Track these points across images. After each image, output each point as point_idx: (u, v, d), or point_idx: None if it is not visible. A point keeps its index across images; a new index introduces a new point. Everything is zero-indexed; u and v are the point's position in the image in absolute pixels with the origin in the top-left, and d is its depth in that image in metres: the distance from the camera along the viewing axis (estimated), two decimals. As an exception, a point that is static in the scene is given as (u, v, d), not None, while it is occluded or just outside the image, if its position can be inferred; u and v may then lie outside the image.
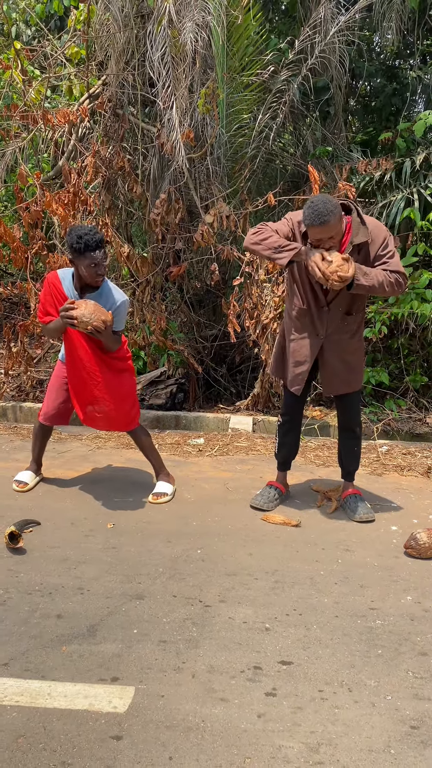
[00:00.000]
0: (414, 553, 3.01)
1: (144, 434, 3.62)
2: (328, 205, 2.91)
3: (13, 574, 2.77)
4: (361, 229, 3.07)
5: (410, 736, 1.94)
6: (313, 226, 2.93)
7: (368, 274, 3.02)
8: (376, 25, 5.81)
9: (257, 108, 5.45)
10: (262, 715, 2.01)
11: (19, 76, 5.34)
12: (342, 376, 3.32)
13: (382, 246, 3.10)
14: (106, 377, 3.37)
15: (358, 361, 3.37)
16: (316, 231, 2.95)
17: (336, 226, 2.95)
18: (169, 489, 3.61)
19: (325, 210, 2.90)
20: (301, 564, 2.94)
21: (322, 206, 2.91)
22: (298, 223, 3.16)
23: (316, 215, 2.91)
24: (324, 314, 3.22)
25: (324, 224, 2.91)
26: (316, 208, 2.91)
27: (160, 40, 4.67)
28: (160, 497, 3.55)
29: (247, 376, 5.72)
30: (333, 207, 2.92)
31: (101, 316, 3.14)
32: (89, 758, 1.82)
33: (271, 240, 3.09)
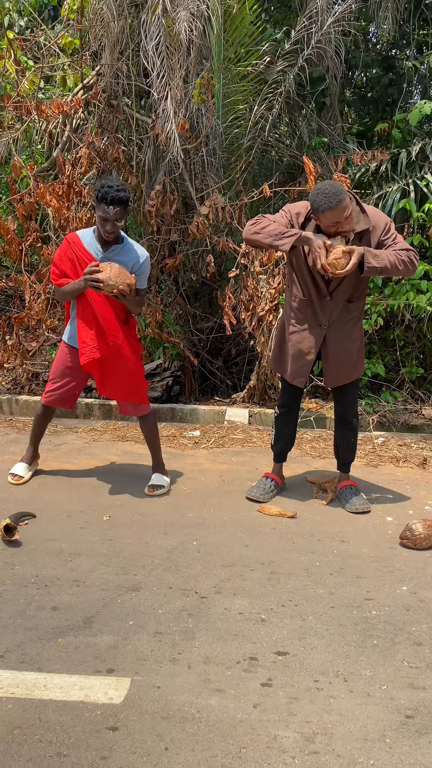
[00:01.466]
0: (409, 544, 3.02)
1: (154, 422, 3.61)
2: (336, 186, 2.93)
3: (8, 566, 2.77)
4: (361, 217, 3.07)
5: (405, 725, 1.95)
6: (330, 209, 2.92)
7: (378, 256, 3.01)
8: (372, 15, 5.78)
9: (253, 99, 5.42)
10: (258, 705, 2.01)
11: (12, 66, 5.29)
12: (345, 367, 3.31)
13: (384, 231, 3.10)
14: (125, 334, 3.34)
15: (359, 348, 3.37)
16: (334, 214, 2.94)
17: (349, 204, 2.96)
18: (165, 482, 3.61)
19: (335, 190, 2.91)
20: (296, 555, 2.94)
21: (331, 188, 2.92)
22: (297, 215, 3.15)
23: (329, 197, 2.90)
24: (326, 304, 3.20)
25: (340, 203, 2.91)
26: (326, 191, 2.92)
27: (155, 30, 4.63)
28: (156, 489, 3.55)
29: (243, 368, 5.71)
30: (341, 187, 2.94)
31: (126, 279, 3.10)
32: (85, 749, 1.82)
33: (270, 227, 3.07)
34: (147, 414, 3.57)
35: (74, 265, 3.31)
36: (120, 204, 3.13)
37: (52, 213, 5.24)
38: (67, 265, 3.32)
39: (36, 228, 5.12)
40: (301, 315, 3.28)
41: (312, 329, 3.26)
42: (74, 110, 5.32)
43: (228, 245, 4.98)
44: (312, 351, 3.28)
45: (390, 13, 5.43)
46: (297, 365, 3.32)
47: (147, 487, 3.58)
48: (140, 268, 3.35)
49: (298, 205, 3.21)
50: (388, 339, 5.43)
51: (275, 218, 3.15)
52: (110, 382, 3.45)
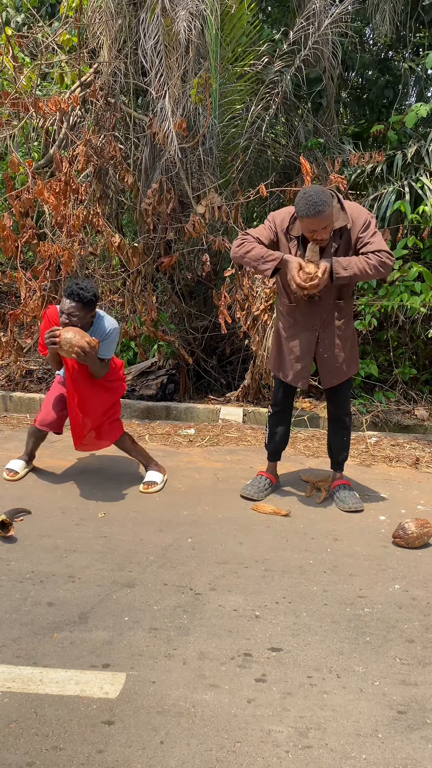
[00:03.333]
0: (402, 543, 3.05)
1: (123, 438, 3.64)
2: (322, 196, 2.93)
3: (4, 562, 2.78)
4: (341, 214, 3.10)
5: (397, 720, 1.98)
6: (307, 216, 2.95)
7: (348, 266, 3.05)
8: (370, 17, 5.80)
9: (250, 98, 5.44)
10: (252, 700, 2.03)
11: (9, 63, 5.28)
12: (340, 367, 3.34)
13: (363, 227, 3.12)
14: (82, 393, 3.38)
15: (352, 345, 3.40)
16: (311, 222, 2.96)
17: (330, 216, 2.98)
18: (159, 478, 3.62)
19: (319, 200, 2.92)
20: (290, 553, 2.96)
21: (316, 197, 2.93)
22: (281, 222, 3.20)
23: (310, 205, 2.93)
24: (315, 305, 3.23)
25: (318, 214, 2.93)
26: (310, 198, 2.93)
27: (153, 29, 4.64)
28: (151, 486, 3.57)
29: (237, 367, 5.73)
30: (327, 198, 2.95)
31: (83, 339, 3.16)
32: (81, 742, 1.83)
33: (254, 252, 3.14)
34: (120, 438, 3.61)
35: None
36: (75, 300, 3.21)
37: (48, 210, 5.23)
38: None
39: (32, 225, 5.12)
40: (291, 319, 3.33)
41: (304, 332, 3.30)
42: (71, 108, 5.32)
43: (224, 244, 5.00)
44: (308, 353, 3.32)
45: (387, 15, 5.46)
46: (296, 369, 3.36)
47: (142, 484, 3.60)
48: (107, 338, 3.39)
49: (283, 212, 3.25)
50: (381, 340, 5.47)
51: (259, 233, 3.21)
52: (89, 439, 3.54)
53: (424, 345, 5.45)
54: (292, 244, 3.19)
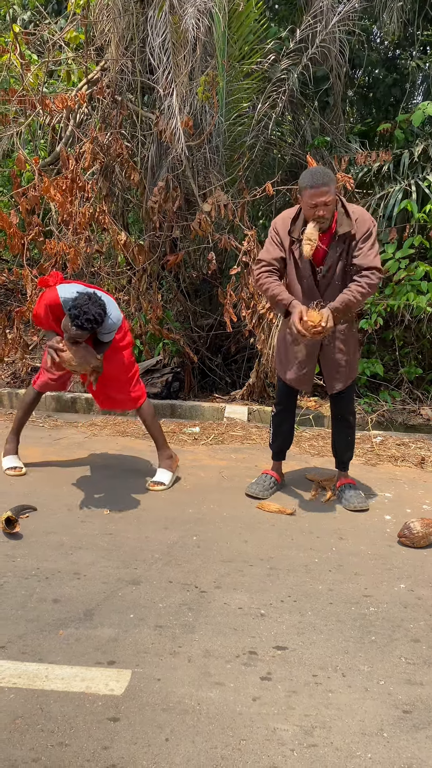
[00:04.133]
0: (407, 542, 3.05)
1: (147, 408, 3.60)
2: (326, 172, 3.06)
3: (9, 558, 2.78)
4: (345, 220, 3.11)
5: (403, 720, 1.97)
6: (311, 188, 3.01)
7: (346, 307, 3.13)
8: (378, 15, 5.79)
9: (256, 97, 5.43)
10: (257, 698, 2.03)
11: (17, 60, 5.28)
12: (343, 371, 3.37)
13: (364, 236, 3.14)
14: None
15: (354, 350, 3.41)
16: (314, 193, 3.02)
17: (331, 192, 3.03)
18: (167, 478, 3.60)
19: (323, 172, 3.04)
20: (295, 551, 2.96)
21: (320, 170, 3.07)
22: (283, 226, 3.23)
23: (315, 176, 3.02)
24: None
25: (323, 185, 3.00)
26: (314, 171, 3.07)
27: (161, 26, 4.64)
28: (157, 486, 3.56)
29: (242, 366, 5.73)
30: (330, 174, 3.05)
31: (89, 364, 3.12)
32: (86, 739, 1.84)
33: (270, 292, 3.24)
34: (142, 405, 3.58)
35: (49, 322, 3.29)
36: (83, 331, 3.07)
37: (55, 207, 5.24)
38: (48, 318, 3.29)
39: (38, 222, 5.13)
40: None
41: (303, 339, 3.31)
42: (78, 105, 5.32)
43: (229, 243, 5.00)
44: (311, 359, 3.36)
45: (395, 13, 5.44)
46: (299, 374, 3.38)
47: (150, 480, 3.59)
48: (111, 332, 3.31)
49: (283, 215, 3.27)
50: (387, 339, 5.46)
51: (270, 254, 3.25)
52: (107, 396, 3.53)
53: (429, 344, 5.44)
54: (295, 246, 3.20)
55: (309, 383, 3.43)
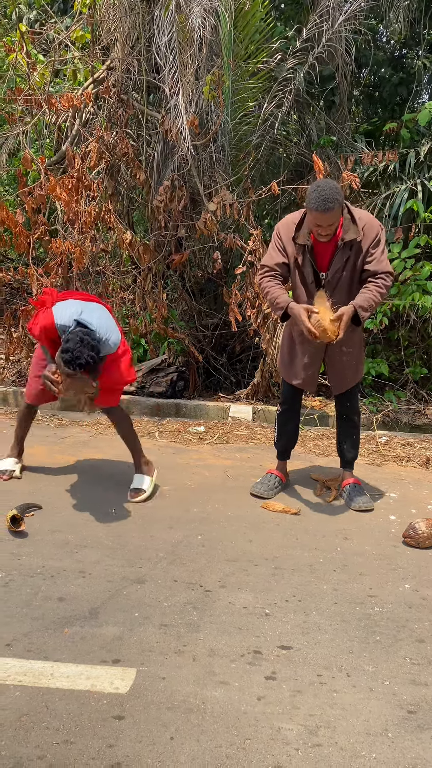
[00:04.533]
0: (412, 543, 3.04)
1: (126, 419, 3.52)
2: (335, 193, 2.93)
3: (15, 557, 2.79)
4: (351, 226, 3.09)
5: (407, 720, 1.97)
6: (317, 211, 2.95)
7: (368, 307, 3.09)
8: (384, 14, 5.77)
9: (262, 96, 5.43)
10: (262, 698, 2.04)
11: (23, 60, 5.29)
12: (349, 373, 3.37)
13: (373, 242, 3.12)
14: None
15: (359, 352, 3.42)
16: (318, 216, 2.96)
17: (337, 214, 2.98)
18: (147, 483, 3.47)
19: (331, 197, 2.92)
20: (300, 551, 2.96)
21: (329, 192, 2.92)
22: (287, 232, 3.20)
23: (322, 200, 2.92)
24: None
25: (328, 211, 2.93)
26: (322, 193, 2.93)
27: (167, 25, 4.64)
28: (139, 494, 3.42)
29: (247, 365, 5.73)
30: (338, 195, 2.95)
31: (84, 393, 3.07)
32: (91, 737, 1.84)
33: (269, 295, 3.22)
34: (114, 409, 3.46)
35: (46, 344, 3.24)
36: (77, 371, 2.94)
37: (60, 206, 5.25)
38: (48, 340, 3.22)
39: (44, 221, 5.13)
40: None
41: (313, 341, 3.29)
42: (84, 104, 5.33)
43: (235, 242, 4.99)
44: (316, 361, 3.36)
45: (401, 12, 5.43)
46: (304, 375, 3.38)
47: (129, 492, 3.45)
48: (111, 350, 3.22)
49: (287, 220, 3.23)
50: (392, 339, 5.45)
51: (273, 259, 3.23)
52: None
53: (435, 344, 5.43)
54: (299, 253, 3.18)
55: (314, 384, 3.44)
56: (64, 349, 2.93)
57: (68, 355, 2.90)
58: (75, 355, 2.89)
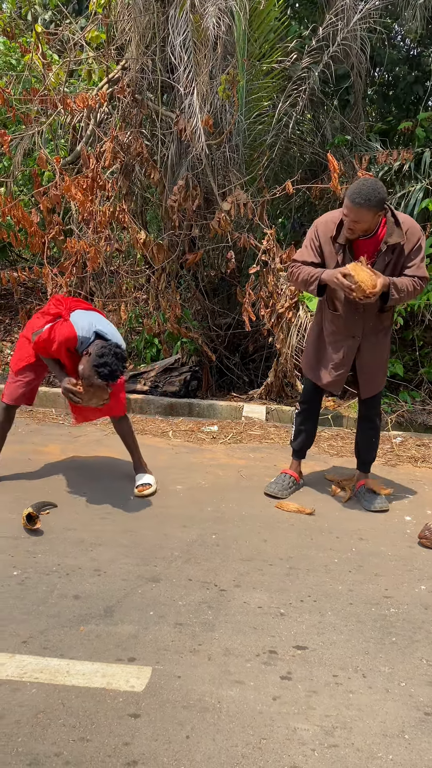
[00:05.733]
0: (428, 543, 3.02)
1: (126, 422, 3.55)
2: (372, 193, 2.88)
3: (30, 554, 2.81)
4: (395, 230, 3.05)
5: (424, 722, 1.96)
6: (347, 201, 2.93)
7: (401, 291, 3.05)
8: (400, 12, 5.74)
9: (277, 95, 5.42)
10: (278, 697, 2.03)
11: (38, 60, 5.32)
12: (378, 376, 3.37)
13: (415, 247, 3.09)
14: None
15: (386, 357, 3.43)
16: (347, 207, 2.95)
17: (366, 215, 2.93)
18: (153, 480, 3.54)
19: (365, 194, 2.88)
20: (315, 551, 2.95)
21: (366, 189, 2.89)
22: (324, 230, 3.16)
23: (355, 192, 2.91)
24: (359, 315, 3.21)
25: (359, 206, 2.90)
26: (360, 187, 2.91)
27: (182, 25, 4.64)
28: (147, 488, 3.47)
29: (260, 365, 5.72)
30: (375, 197, 2.89)
31: (102, 399, 3.14)
32: (108, 735, 1.85)
33: (301, 276, 3.19)
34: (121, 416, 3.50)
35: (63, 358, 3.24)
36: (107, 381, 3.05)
37: (75, 206, 5.27)
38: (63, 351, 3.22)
39: (59, 221, 5.16)
40: (334, 327, 3.30)
41: (346, 340, 3.27)
42: (99, 104, 5.35)
43: (249, 241, 4.99)
44: (347, 362, 3.30)
45: (417, 11, 5.39)
46: (333, 375, 3.34)
47: (136, 487, 3.49)
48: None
49: (327, 218, 3.18)
50: (407, 339, 5.42)
51: (304, 256, 3.20)
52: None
53: (450, 345, 5.40)
54: (339, 252, 3.14)
55: (341, 386, 3.39)
56: (102, 364, 3.02)
57: (106, 369, 3.01)
58: (113, 368, 3.02)
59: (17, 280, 5.40)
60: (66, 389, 3.15)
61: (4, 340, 6.30)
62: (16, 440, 4.17)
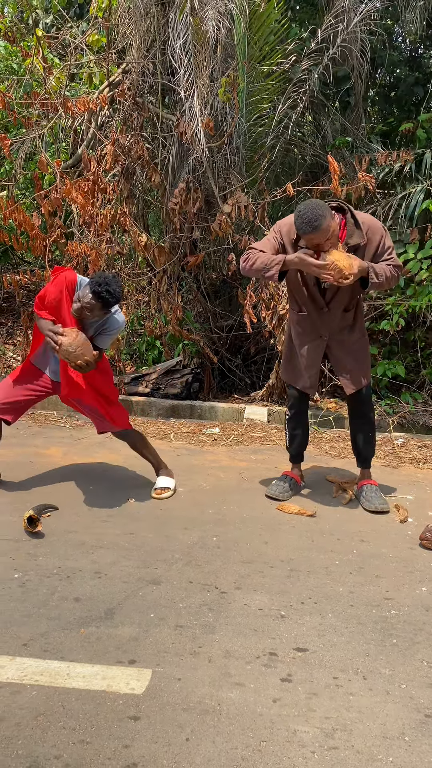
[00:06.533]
0: (429, 545, 3.02)
1: (135, 436, 3.55)
2: (316, 210, 2.91)
3: (31, 557, 2.81)
4: (355, 231, 3.07)
5: (425, 724, 1.95)
6: (307, 233, 2.95)
7: (379, 273, 3.05)
8: (400, 14, 5.75)
9: (277, 97, 5.43)
10: (278, 700, 2.03)
11: (39, 64, 5.34)
12: (356, 371, 3.35)
13: (380, 245, 3.11)
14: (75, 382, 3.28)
15: (363, 350, 3.41)
16: (311, 237, 2.96)
17: (329, 227, 2.94)
18: (171, 483, 3.56)
19: (313, 216, 2.90)
20: (316, 553, 2.95)
21: (310, 213, 2.91)
22: (288, 232, 3.16)
23: (306, 223, 2.92)
24: (324, 315, 3.26)
25: (316, 230, 2.92)
26: (304, 216, 2.92)
27: (182, 28, 4.66)
28: (164, 492, 3.49)
29: (261, 366, 5.72)
30: (321, 210, 2.92)
31: (86, 354, 3.06)
32: (108, 737, 1.85)
33: (258, 262, 3.11)
34: (125, 431, 3.49)
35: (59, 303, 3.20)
36: (99, 300, 3.06)
37: (76, 209, 5.28)
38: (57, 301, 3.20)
39: (60, 224, 5.17)
40: (300, 328, 3.36)
41: (314, 341, 3.32)
42: (100, 108, 5.36)
43: (250, 243, 4.99)
44: (317, 362, 3.35)
45: (418, 12, 5.40)
46: (305, 376, 3.38)
47: (153, 489, 3.52)
48: (114, 332, 3.29)
49: (288, 221, 3.19)
50: (409, 340, 5.41)
51: (263, 245, 3.17)
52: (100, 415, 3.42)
53: (452, 346, 5.39)
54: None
55: (315, 387, 3.43)
56: (95, 281, 3.07)
57: (99, 279, 3.06)
58: (106, 282, 3.04)
59: (19, 284, 5.42)
60: (50, 329, 3.08)
61: (6, 343, 6.32)
62: (17, 443, 4.19)
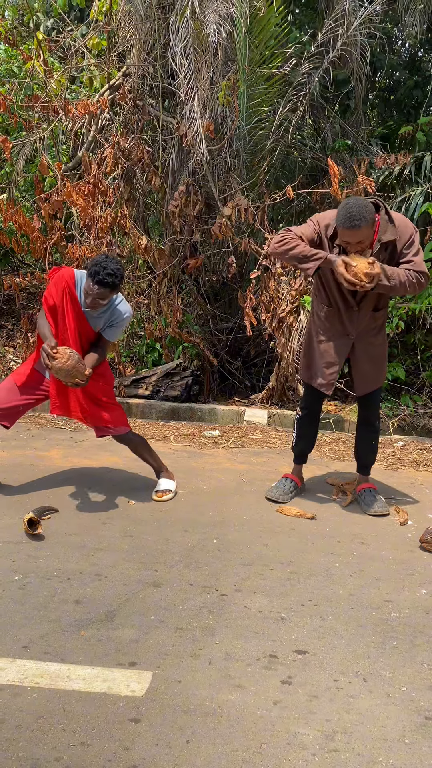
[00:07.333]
0: (429, 548, 3.02)
1: (135, 439, 3.54)
2: (363, 211, 2.89)
3: (32, 559, 2.81)
4: (389, 227, 3.06)
5: (425, 726, 1.95)
6: (344, 228, 2.93)
7: (391, 277, 3.02)
8: (399, 17, 5.77)
9: (277, 101, 5.44)
10: (278, 702, 2.03)
11: (40, 67, 5.35)
12: (373, 375, 3.36)
13: (407, 243, 3.09)
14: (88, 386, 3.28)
15: (383, 355, 3.40)
16: (346, 233, 2.95)
17: (366, 232, 2.94)
18: (173, 486, 3.56)
19: (359, 215, 2.88)
20: (316, 556, 2.95)
21: (356, 210, 2.89)
22: (326, 227, 3.14)
23: (348, 218, 2.90)
24: (354, 314, 3.22)
25: (354, 228, 2.90)
26: (350, 211, 2.90)
27: (183, 32, 4.67)
28: (166, 494, 3.50)
29: (261, 369, 5.73)
30: (368, 213, 2.90)
31: (78, 375, 3.05)
32: (108, 739, 1.85)
33: (297, 250, 3.08)
34: (125, 434, 3.48)
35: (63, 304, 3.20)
36: (105, 287, 3.05)
37: (76, 212, 5.29)
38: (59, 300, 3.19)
39: (60, 227, 5.18)
40: (328, 324, 3.30)
41: (339, 338, 3.28)
42: (100, 110, 5.37)
43: (250, 246, 5.00)
44: (339, 360, 3.31)
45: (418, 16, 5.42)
46: (325, 374, 3.34)
47: (155, 492, 3.52)
48: (121, 323, 3.29)
49: (328, 215, 3.18)
50: (408, 342, 5.42)
51: (302, 231, 3.14)
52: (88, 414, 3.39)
53: (451, 348, 5.39)
54: (335, 251, 3.14)
55: (332, 386, 3.39)
56: (92, 265, 3.03)
57: (96, 267, 3.02)
58: (103, 266, 3.00)
59: (19, 286, 5.42)
60: (43, 348, 3.06)
61: (7, 346, 6.32)
62: (17, 445, 4.19)
